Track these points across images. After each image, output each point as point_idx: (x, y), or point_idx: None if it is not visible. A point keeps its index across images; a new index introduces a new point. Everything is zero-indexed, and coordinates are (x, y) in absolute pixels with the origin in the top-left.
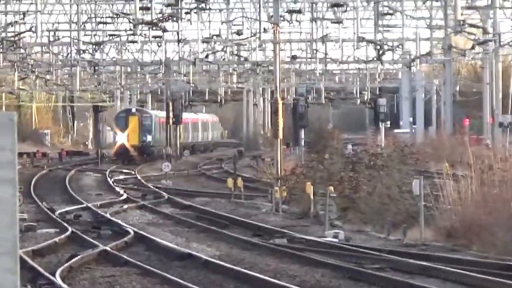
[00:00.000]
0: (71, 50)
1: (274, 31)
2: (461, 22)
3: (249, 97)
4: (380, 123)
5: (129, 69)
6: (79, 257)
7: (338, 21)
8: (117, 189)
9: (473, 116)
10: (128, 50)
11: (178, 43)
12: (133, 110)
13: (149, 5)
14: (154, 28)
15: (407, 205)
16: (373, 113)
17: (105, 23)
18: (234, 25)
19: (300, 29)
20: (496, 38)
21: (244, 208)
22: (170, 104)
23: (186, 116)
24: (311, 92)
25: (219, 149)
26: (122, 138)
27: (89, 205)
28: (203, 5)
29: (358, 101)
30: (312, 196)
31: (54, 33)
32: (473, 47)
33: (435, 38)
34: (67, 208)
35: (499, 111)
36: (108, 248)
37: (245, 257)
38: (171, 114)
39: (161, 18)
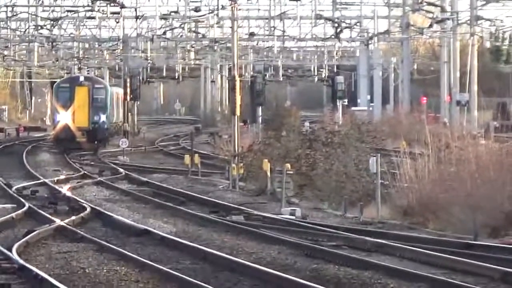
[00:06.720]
0: (29, 26)
1: (232, 8)
2: (419, 0)
3: (207, 74)
4: (337, 101)
5: (87, 45)
6: (35, 232)
7: None
8: (74, 165)
9: (431, 94)
10: (86, 26)
11: (136, 20)
12: (81, 78)
13: None
14: (112, 4)
15: (364, 183)
16: (331, 91)
17: None
18: (192, 1)
19: (258, 6)
20: (454, 16)
21: (201, 184)
22: (128, 80)
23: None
24: (269, 70)
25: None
26: (65, 118)
27: (46, 180)
28: None
29: (316, 79)
30: (269, 173)
31: (12, 8)
32: (431, 26)
33: (393, 16)
34: (24, 184)
35: (457, 90)
36: (64, 224)
37: (201, 233)
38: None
39: None
